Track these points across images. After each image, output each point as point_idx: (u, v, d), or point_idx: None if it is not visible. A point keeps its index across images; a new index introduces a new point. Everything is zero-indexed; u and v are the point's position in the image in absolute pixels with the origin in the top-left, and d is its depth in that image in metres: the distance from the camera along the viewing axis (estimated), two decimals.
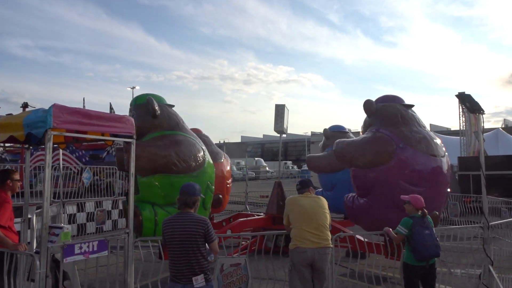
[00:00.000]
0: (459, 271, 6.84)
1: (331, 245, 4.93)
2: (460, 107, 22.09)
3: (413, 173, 6.84)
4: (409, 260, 5.03)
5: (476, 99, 6.49)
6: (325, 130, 12.30)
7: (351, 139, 7.82)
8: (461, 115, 22.78)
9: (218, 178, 10.47)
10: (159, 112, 6.92)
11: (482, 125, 6.95)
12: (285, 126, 10.09)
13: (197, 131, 11.33)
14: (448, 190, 7.39)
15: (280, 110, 9.96)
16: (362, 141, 7.37)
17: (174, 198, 6.53)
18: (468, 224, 10.56)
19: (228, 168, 11.05)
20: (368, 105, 7.72)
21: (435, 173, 6.97)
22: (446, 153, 7.39)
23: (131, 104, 7.30)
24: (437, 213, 6.93)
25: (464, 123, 22.58)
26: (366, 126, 7.83)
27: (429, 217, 5.21)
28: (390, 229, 5.50)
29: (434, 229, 5.15)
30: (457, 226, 8.28)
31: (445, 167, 7.15)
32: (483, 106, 6.47)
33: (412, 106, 7.75)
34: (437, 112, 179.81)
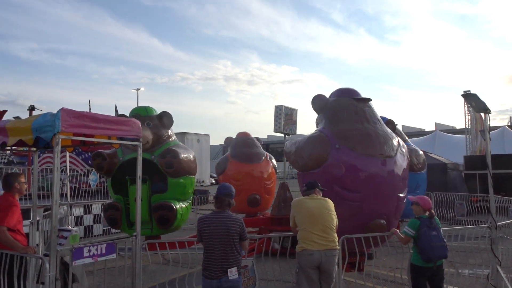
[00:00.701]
0: (467, 271, 6.80)
1: (338, 247, 4.92)
2: (466, 106, 21.96)
3: (347, 176, 6.07)
4: (416, 261, 5.01)
5: (482, 96, 6.34)
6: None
7: (297, 139, 7.04)
8: (466, 114, 22.67)
9: (255, 179, 10.59)
10: None
11: (489, 123, 6.67)
12: (283, 125, 9.96)
13: (245, 135, 11.45)
14: (402, 195, 6.39)
15: (279, 111, 9.92)
16: (301, 142, 6.68)
17: (189, 194, 7.93)
18: (475, 224, 10.50)
19: (269, 168, 10.99)
20: (314, 102, 7.04)
21: (376, 176, 6.10)
22: (402, 152, 6.51)
23: (138, 114, 7.50)
24: (383, 221, 6.06)
25: (469, 122, 22.46)
26: (316, 124, 7.17)
27: (437, 218, 5.18)
28: (397, 230, 5.48)
29: (441, 230, 5.12)
30: (464, 226, 8.24)
31: (394, 169, 6.26)
32: (488, 104, 6.33)
33: (368, 100, 6.92)
34: (442, 110, 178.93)
